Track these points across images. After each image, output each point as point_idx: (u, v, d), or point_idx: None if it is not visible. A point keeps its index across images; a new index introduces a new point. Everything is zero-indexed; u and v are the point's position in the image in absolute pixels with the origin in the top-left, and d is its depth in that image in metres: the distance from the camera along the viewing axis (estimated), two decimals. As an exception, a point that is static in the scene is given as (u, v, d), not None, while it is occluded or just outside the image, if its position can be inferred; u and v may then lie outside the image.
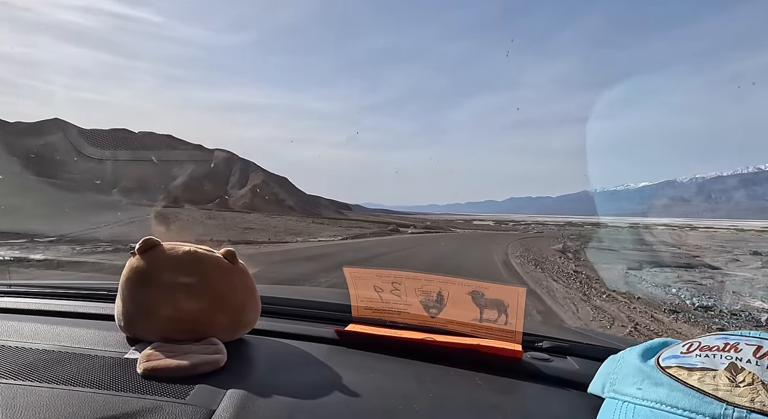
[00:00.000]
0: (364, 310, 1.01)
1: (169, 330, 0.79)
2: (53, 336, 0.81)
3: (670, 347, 0.61)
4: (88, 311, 0.98)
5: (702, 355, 0.54)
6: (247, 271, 0.90)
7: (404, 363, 0.84)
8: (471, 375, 0.80)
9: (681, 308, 8.11)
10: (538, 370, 0.84)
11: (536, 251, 18.77)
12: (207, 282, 0.81)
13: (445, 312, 0.95)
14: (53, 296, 1.13)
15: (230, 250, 0.87)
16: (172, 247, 0.83)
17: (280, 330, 0.95)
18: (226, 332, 0.83)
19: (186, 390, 0.64)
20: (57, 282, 1.27)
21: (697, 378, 0.52)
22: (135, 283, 0.79)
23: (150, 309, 0.78)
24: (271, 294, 1.16)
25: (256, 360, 0.81)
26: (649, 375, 0.56)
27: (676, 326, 6.61)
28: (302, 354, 0.85)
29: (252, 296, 0.89)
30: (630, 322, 6.41)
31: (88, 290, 1.15)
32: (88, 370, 0.68)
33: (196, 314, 0.80)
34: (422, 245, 21.15)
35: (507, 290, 0.89)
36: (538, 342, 0.96)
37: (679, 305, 8.36)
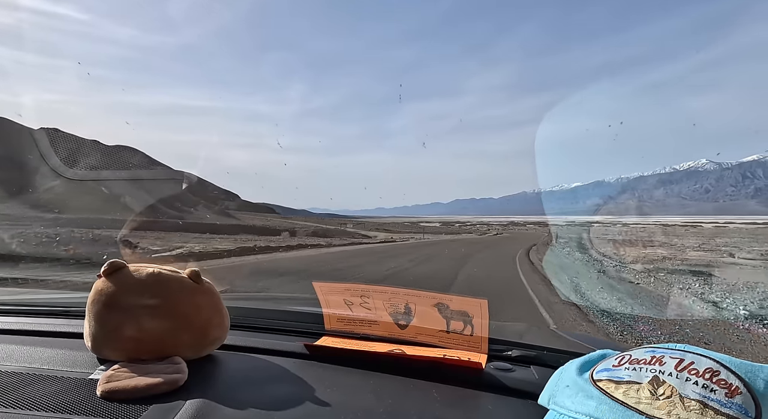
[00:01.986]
0: (336, 322, 1.02)
1: (133, 351, 0.81)
2: (25, 357, 0.85)
3: (606, 359, 0.63)
4: (61, 330, 1.01)
5: (630, 368, 0.56)
6: (214, 290, 0.91)
7: (367, 376, 0.84)
8: (429, 387, 0.80)
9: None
10: (497, 381, 0.85)
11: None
12: (170, 303, 0.83)
13: (414, 324, 0.95)
14: (30, 313, 1.16)
15: (194, 270, 0.89)
16: (137, 268, 0.86)
17: (250, 344, 0.96)
18: (190, 350, 0.85)
19: (139, 411, 0.65)
20: (34, 299, 1.29)
21: (622, 391, 0.54)
22: (100, 305, 0.82)
23: (114, 331, 0.81)
24: (244, 306, 1.18)
25: (218, 377, 0.82)
26: (583, 388, 0.58)
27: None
28: (266, 369, 0.86)
29: (218, 313, 0.90)
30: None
31: (63, 307, 1.18)
32: (53, 393, 0.70)
33: (160, 334, 0.82)
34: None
35: (470, 302, 0.90)
36: (507, 350, 0.95)
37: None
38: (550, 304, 7.40)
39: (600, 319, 6.60)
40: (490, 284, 9.81)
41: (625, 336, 5.76)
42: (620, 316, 6.84)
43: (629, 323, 6.44)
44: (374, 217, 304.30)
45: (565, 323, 6.26)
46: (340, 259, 15.17)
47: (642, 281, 11.19)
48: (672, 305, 8.43)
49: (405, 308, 0.96)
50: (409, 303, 0.95)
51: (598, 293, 8.82)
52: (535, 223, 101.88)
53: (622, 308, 7.47)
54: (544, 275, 11.72)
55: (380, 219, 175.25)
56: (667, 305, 8.51)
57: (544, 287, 9.49)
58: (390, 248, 22.03)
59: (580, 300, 7.92)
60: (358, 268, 12.43)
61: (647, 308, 8.02)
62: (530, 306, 7.21)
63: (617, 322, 6.46)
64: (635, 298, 8.79)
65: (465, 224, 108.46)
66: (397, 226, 72.43)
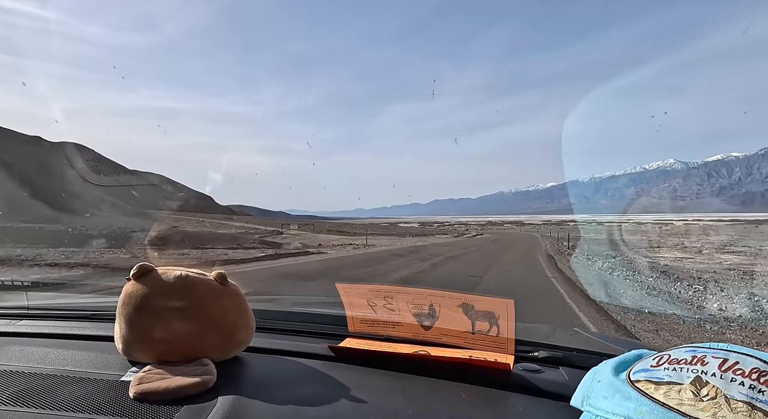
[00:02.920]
0: (360, 323, 1.02)
1: (162, 353, 0.83)
2: (59, 359, 0.87)
3: (643, 360, 0.61)
4: (93, 333, 1.03)
5: (670, 369, 0.55)
6: (239, 292, 0.92)
7: (394, 378, 0.84)
8: (457, 388, 0.80)
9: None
10: (527, 382, 0.84)
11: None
12: (197, 305, 0.85)
13: (439, 325, 0.95)
14: (63, 317, 1.19)
15: (220, 272, 0.90)
16: (165, 271, 0.87)
17: (276, 347, 0.97)
18: (217, 352, 0.86)
19: (172, 412, 0.67)
20: (66, 303, 1.34)
21: (663, 392, 0.52)
22: (130, 308, 0.84)
23: (144, 333, 0.83)
24: (269, 309, 1.21)
25: (247, 379, 0.83)
26: (620, 389, 0.57)
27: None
28: (293, 370, 0.87)
29: (243, 315, 0.91)
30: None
31: (94, 311, 1.21)
32: (87, 394, 0.72)
33: (188, 336, 0.83)
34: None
35: (496, 302, 0.90)
36: (534, 351, 0.95)
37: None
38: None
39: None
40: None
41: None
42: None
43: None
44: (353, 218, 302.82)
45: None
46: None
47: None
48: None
49: (429, 309, 0.95)
50: (433, 304, 0.95)
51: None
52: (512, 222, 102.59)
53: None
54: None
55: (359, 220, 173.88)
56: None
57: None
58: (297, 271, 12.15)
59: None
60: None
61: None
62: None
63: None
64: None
65: (443, 224, 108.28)
66: (372, 228, 69.90)
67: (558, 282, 10.53)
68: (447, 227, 72.07)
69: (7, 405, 0.67)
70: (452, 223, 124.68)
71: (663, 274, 12.74)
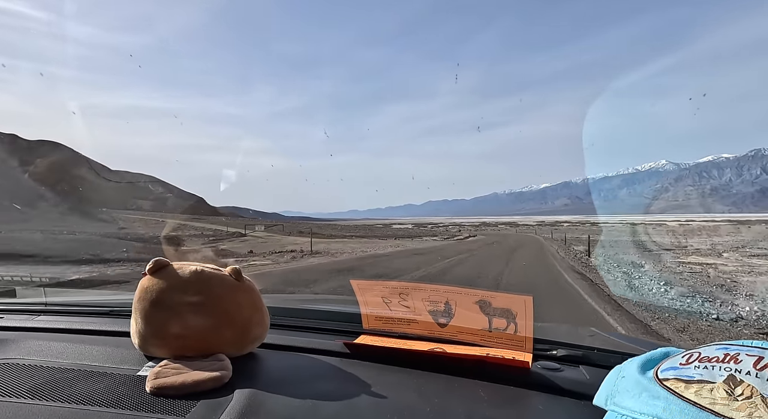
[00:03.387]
0: (375, 321, 1.01)
1: (178, 348, 0.83)
2: (77, 354, 0.88)
3: (671, 358, 0.59)
4: (109, 329, 1.05)
5: (701, 367, 0.53)
6: (254, 287, 0.92)
7: (409, 375, 0.84)
8: (475, 386, 0.79)
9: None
10: (546, 380, 0.83)
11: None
12: (213, 300, 0.85)
13: (455, 322, 0.94)
14: (80, 313, 1.22)
15: (236, 268, 0.90)
16: (180, 266, 0.87)
17: (290, 343, 0.97)
18: (233, 347, 0.86)
19: (188, 406, 0.67)
20: (83, 300, 1.37)
21: (694, 390, 0.50)
22: (146, 302, 0.84)
23: (160, 328, 0.83)
24: (283, 306, 1.22)
25: (262, 375, 0.83)
26: (647, 388, 0.55)
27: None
28: (308, 366, 0.87)
29: (258, 311, 0.91)
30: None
31: (110, 307, 1.24)
32: (103, 388, 0.73)
33: (203, 331, 0.83)
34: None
35: (514, 299, 0.89)
36: (552, 349, 0.94)
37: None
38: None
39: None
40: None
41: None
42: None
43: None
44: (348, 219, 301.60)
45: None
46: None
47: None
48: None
49: (445, 306, 0.94)
50: (449, 301, 0.94)
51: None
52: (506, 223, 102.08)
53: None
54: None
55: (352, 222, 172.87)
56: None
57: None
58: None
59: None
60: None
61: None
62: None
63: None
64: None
65: (437, 225, 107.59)
66: (360, 229, 66.73)
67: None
68: (440, 229, 63.66)
69: (26, 398, 0.69)
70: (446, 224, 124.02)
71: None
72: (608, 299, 8.28)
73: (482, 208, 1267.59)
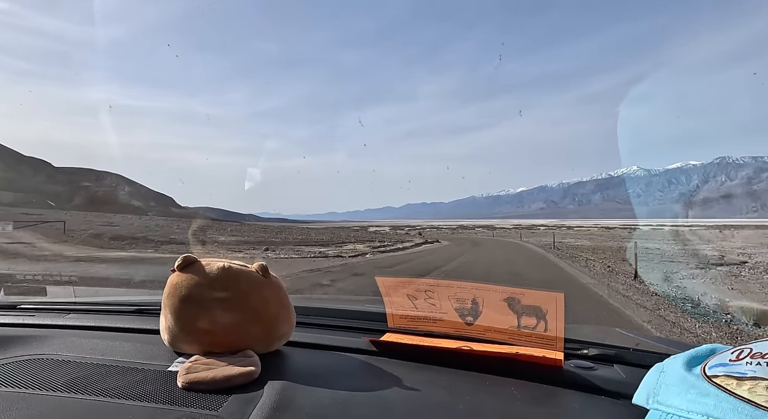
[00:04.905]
0: (400, 319, 1.00)
1: (207, 344, 0.83)
2: (108, 350, 0.88)
3: (718, 354, 0.56)
4: (139, 327, 1.05)
5: (753, 363, 0.50)
6: (281, 284, 0.92)
7: (438, 372, 0.83)
8: (507, 384, 0.78)
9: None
10: (581, 379, 0.81)
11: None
12: (241, 296, 0.85)
13: (482, 320, 0.92)
14: (111, 312, 1.24)
15: (263, 264, 0.90)
16: (208, 262, 0.87)
17: (316, 341, 0.97)
18: (260, 344, 0.86)
19: (220, 401, 0.68)
20: (111, 299, 1.40)
21: (747, 388, 0.47)
22: (175, 298, 0.84)
23: (189, 324, 0.83)
24: (307, 305, 1.22)
25: (291, 371, 0.83)
26: (695, 385, 0.52)
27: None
28: (336, 364, 0.87)
29: (285, 308, 0.91)
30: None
31: (139, 306, 1.24)
32: (135, 383, 0.73)
33: (232, 327, 0.83)
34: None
35: (544, 295, 0.87)
36: (582, 348, 0.93)
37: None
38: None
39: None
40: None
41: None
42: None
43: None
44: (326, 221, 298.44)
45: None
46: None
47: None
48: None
49: (472, 303, 0.93)
50: (476, 298, 0.93)
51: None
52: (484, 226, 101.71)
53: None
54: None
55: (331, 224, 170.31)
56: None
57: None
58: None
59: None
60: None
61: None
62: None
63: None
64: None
65: (414, 227, 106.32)
66: (319, 232, 57.69)
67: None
68: (401, 235, 47.02)
69: (63, 392, 0.70)
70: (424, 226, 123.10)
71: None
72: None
73: (460, 211, 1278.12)
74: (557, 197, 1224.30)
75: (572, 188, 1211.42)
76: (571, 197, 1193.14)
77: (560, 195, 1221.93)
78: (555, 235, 37.96)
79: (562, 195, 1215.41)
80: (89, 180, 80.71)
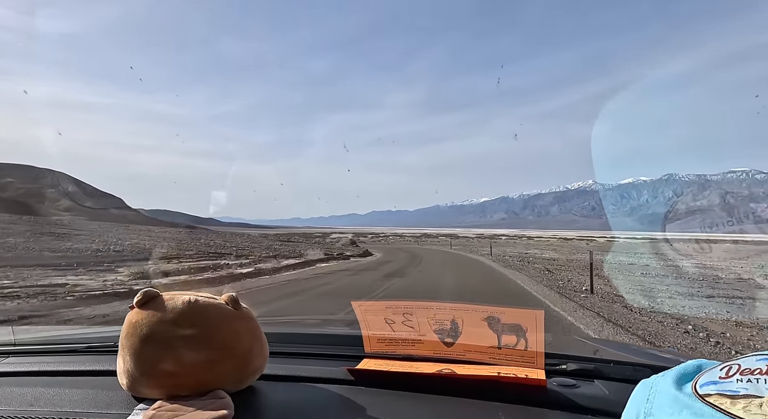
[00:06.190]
0: (377, 343, 0.97)
1: (172, 386, 0.75)
2: (54, 400, 0.77)
3: (707, 371, 0.54)
4: (92, 369, 0.93)
5: (744, 380, 0.48)
6: (252, 315, 0.86)
7: (422, 399, 0.80)
8: (493, 408, 0.76)
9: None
10: (564, 398, 0.80)
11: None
12: (209, 332, 0.78)
13: (462, 340, 0.91)
14: (58, 352, 1.08)
15: (232, 295, 0.84)
16: (172, 297, 0.80)
17: (291, 373, 0.92)
18: (233, 382, 0.80)
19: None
20: (56, 336, 1.22)
21: (741, 407, 0.46)
22: (135, 338, 0.76)
23: (152, 365, 0.75)
24: (280, 332, 1.16)
25: (264, 410, 0.78)
26: (688, 405, 0.50)
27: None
28: (313, 398, 0.82)
29: (258, 341, 0.85)
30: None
31: (90, 343, 1.09)
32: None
33: (200, 366, 0.76)
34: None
35: (524, 313, 0.87)
36: (562, 364, 0.92)
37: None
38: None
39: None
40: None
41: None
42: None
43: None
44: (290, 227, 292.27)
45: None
46: None
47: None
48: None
49: (451, 324, 0.92)
50: (456, 319, 0.91)
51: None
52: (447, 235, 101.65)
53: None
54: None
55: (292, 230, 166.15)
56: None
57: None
58: None
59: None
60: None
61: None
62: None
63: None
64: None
65: (378, 235, 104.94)
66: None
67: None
68: (328, 242, 40.26)
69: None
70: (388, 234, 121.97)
71: None
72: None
73: (425, 219, 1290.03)
74: (518, 207, 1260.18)
75: (532, 200, 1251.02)
76: (531, 208, 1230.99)
77: (521, 206, 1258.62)
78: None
79: (523, 206, 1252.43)
80: (26, 178, 73.96)
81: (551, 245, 50.17)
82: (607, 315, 7.93)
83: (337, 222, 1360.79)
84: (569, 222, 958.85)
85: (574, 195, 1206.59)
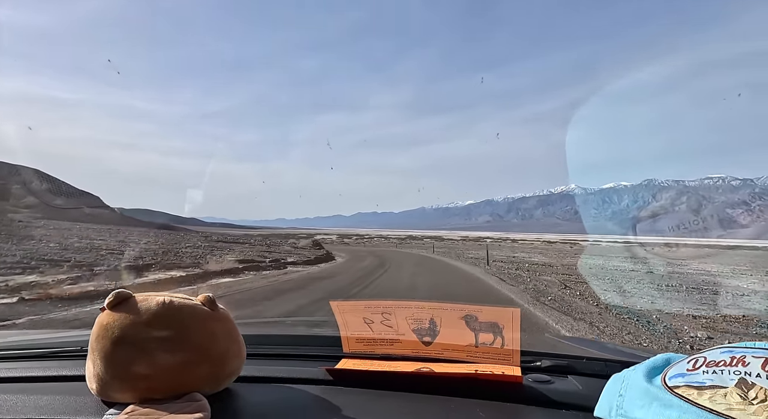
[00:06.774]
0: (356, 343, 0.97)
1: (145, 390, 0.73)
2: (20, 406, 0.74)
3: (675, 364, 0.57)
4: (59, 374, 0.89)
5: (709, 372, 0.51)
6: (229, 316, 0.85)
7: (400, 399, 0.81)
8: (472, 404, 0.77)
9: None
10: (540, 394, 0.82)
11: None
12: (184, 333, 0.76)
13: (440, 339, 0.92)
14: (24, 358, 1.03)
15: (208, 296, 0.82)
16: (145, 298, 0.78)
17: (268, 374, 0.90)
18: (209, 384, 0.78)
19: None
20: (21, 342, 1.17)
21: (708, 397, 0.48)
22: (106, 341, 0.73)
23: (124, 369, 0.72)
24: (257, 333, 1.15)
25: (241, 412, 0.76)
26: (658, 397, 0.52)
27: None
28: (290, 399, 0.81)
29: (235, 342, 0.83)
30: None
31: (57, 348, 1.05)
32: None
33: (175, 369, 0.74)
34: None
35: (500, 311, 0.88)
36: (536, 360, 0.94)
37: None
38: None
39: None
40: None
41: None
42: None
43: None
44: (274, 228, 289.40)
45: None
46: None
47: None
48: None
49: (429, 323, 0.92)
50: (434, 317, 0.92)
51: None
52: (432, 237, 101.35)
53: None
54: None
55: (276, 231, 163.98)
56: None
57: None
58: None
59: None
60: None
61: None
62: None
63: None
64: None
65: (363, 236, 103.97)
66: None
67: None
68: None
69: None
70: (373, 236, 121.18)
71: None
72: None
73: (410, 221, 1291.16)
74: (502, 210, 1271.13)
75: (516, 203, 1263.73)
76: (515, 211, 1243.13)
77: (505, 209, 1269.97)
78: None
79: (507, 209, 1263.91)
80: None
81: (536, 249, 49.89)
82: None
83: (323, 223, 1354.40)
84: (552, 225, 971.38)
85: (558, 199, 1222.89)
